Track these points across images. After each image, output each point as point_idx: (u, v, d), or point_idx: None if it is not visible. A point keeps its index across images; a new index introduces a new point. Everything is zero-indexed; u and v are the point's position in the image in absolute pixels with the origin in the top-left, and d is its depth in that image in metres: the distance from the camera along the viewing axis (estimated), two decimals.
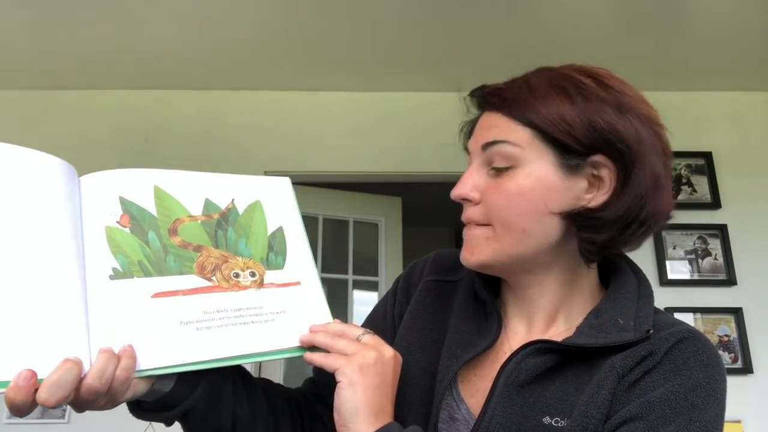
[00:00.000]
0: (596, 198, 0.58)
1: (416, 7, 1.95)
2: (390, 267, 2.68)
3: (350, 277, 2.67)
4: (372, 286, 2.69)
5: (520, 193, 0.58)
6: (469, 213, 0.62)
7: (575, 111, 0.57)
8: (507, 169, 0.59)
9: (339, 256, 2.67)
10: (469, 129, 0.67)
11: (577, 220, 0.59)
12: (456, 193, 0.62)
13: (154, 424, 1.86)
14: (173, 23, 2.03)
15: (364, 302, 2.68)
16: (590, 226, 0.59)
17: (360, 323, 0.72)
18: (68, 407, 2.13)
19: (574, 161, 0.58)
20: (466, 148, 0.67)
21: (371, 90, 2.50)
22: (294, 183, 0.71)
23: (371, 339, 0.59)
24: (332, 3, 1.93)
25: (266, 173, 2.39)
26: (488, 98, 0.62)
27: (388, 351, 0.59)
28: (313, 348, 0.59)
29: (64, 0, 1.89)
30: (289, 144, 2.45)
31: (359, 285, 2.70)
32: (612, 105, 0.58)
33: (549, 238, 0.60)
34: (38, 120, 2.41)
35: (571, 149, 0.58)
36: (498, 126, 0.60)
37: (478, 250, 0.61)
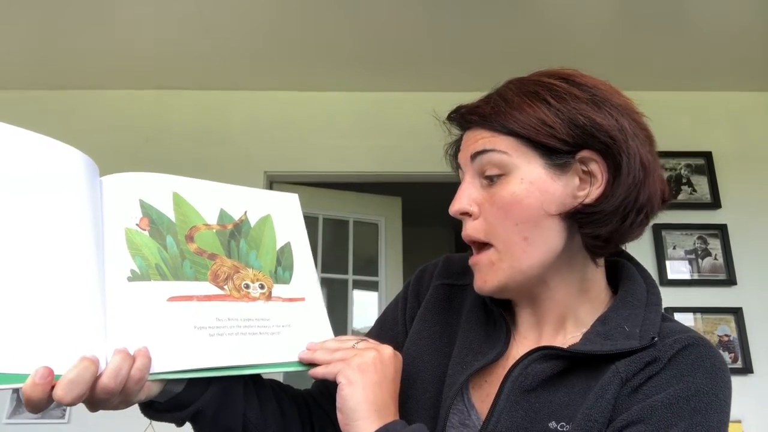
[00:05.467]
0: (591, 193, 0.59)
1: (416, 8, 1.96)
2: (390, 267, 2.68)
3: (350, 277, 2.66)
4: (372, 286, 2.68)
5: (516, 200, 0.58)
6: (469, 230, 0.62)
7: (553, 113, 0.58)
8: (499, 177, 0.60)
9: (339, 256, 2.66)
10: (455, 150, 0.68)
11: (576, 217, 0.59)
12: (455, 208, 0.62)
13: (155, 424, 1.86)
14: (173, 23, 2.03)
15: (364, 302, 2.68)
16: (591, 221, 0.59)
17: (360, 323, 0.73)
18: (68, 407, 2.14)
19: (561, 160, 0.59)
20: (455, 169, 0.68)
21: (371, 90, 2.50)
22: (294, 183, 0.72)
23: (366, 343, 0.61)
24: (333, 3, 1.94)
25: (266, 173, 2.40)
26: (467, 117, 0.63)
27: (387, 349, 0.60)
28: (315, 364, 0.61)
29: (65, 0, 1.89)
30: (289, 144, 2.45)
31: (359, 285, 2.70)
32: (587, 101, 0.58)
33: (554, 243, 0.59)
34: (38, 120, 2.41)
35: (556, 150, 0.58)
36: (483, 138, 0.61)
37: (489, 277, 0.61)
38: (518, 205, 0.58)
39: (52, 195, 0.51)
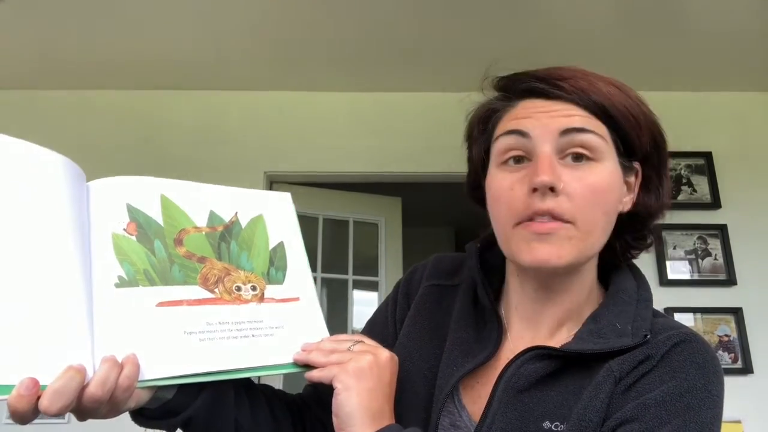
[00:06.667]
0: (627, 203, 0.61)
1: (416, 7, 1.95)
2: (390, 267, 2.68)
3: (350, 277, 2.66)
4: (372, 286, 2.68)
5: (604, 189, 0.57)
6: (550, 204, 0.55)
7: (642, 113, 0.59)
8: (588, 160, 0.56)
9: (339, 256, 2.66)
10: (492, 115, 0.63)
11: (622, 221, 0.61)
12: (544, 180, 0.54)
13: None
14: (173, 24, 2.03)
15: (364, 302, 2.68)
16: (631, 228, 0.61)
17: (360, 323, 0.73)
18: None
19: (628, 164, 0.60)
20: (480, 133, 0.64)
21: (371, 90, 2.50)
22: (293, 183, 0.71)
23: (363, 346, 0.60)
24: (332, 3, 1.93)
25: (266, 173, 2.40)
26: (553, 83, 0.58)
27: (384, 353, 0.59)
28: (310, 365, 0.60)
29: (65, 0, 1.89)
30: (289, 144, 2.44)
31: (359, 285, 2.69)
32: (655, 120, 0.61)
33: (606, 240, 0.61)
34: (38, 120, 2.40)
35: (628, 150, 0.59)
36: (579, 114, 0.57)
37: (566, 251, 0.56)
38: (607, 194, 0.57)
39: (34, 202, 0.49)
